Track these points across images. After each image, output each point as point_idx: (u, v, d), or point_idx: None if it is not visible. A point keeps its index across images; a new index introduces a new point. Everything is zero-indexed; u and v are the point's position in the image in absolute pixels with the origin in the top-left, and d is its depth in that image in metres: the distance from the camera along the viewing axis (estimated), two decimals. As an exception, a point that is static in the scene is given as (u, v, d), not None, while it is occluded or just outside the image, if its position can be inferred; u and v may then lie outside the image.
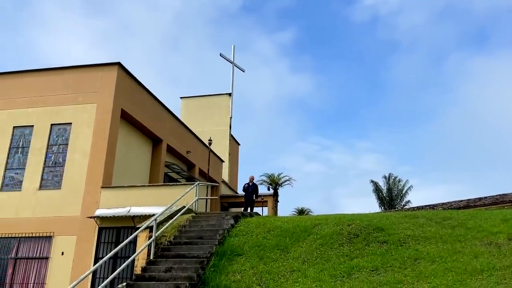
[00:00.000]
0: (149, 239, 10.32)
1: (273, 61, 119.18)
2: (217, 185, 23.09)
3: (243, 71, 30.19)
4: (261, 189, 20.95)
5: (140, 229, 10.51)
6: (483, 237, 9.30)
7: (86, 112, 15.97)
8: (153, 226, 10.25)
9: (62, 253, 14.25)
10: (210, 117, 30.52)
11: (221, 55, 28.53)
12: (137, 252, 9.90)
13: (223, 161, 27.38)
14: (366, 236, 9.91)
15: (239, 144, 36.24)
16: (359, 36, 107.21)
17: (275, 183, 26.92)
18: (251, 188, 17.06)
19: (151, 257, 9.99)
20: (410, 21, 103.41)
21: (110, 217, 14.09)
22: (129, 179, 16.86)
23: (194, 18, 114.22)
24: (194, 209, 13.68)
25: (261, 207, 24.62)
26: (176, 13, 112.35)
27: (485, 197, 20.42)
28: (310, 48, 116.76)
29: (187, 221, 12.16)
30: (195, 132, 24.02)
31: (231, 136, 29.93)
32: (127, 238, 9.56)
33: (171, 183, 18.17)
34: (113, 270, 13.02)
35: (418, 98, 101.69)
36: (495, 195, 20.20)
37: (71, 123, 16.02)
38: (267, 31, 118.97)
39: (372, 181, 42.43)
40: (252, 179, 17.37)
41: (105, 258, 8.30)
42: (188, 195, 13.49)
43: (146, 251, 10.18)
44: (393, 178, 42.36)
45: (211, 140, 22.84)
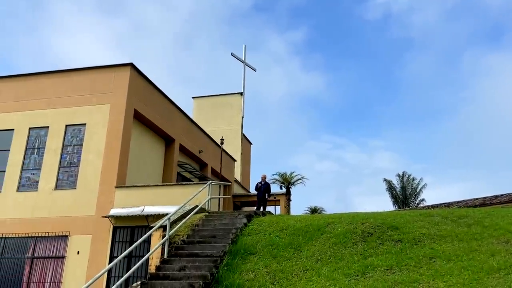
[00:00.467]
0: (163, 238, 10.39)
1: (285, 59, 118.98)
2: (230, 184, 23.12)
3: (254, 70, 30.22)
4: (273, 188, 20.93)
5: (154, 228, 10.59)
6: (500, 235, 9.14)
7: (100, 113, 16.15)
8: (166, 225, 10.32)
9: (78, 252, 14.44)
10: (222, 117, 30.61)
11: (232, 54, 28.60)
12: (151, 251, 9.97)
13: (235, 160, 27.43)
14: (380, 235, 9.82)
15: (251, 143, 36.26)
16: (371, 34, 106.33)
17: (287, 182, 26.82)
18: (264, 187, 17.04)
19: (165, 256, 10.06)
20: (424, 18, 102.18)
21: (124, 216, 14.23)
22: (143, 179, 17.01)
23: (207, 17, 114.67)
24: (207, 208, 13.73)
25: (274, 206, 24.59)
26: (189, 13, 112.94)
27: (501, 195, 20.08)
28: (322, 47, 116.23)
29: (200, 220, 12.21)
30: (207, 132, 24.11)
31: (243, 135, 29.96)
32: (141, 237, 9.64)
33: (184, 183, 18.26)
34: (128, 268, 13.16)
35: (432, 96, 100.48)
36: (512, 193, 19.84)
37: (85, 123, 16.22)
38: (278, 30, 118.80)
39: (385, 180, 42.12)
40: (264, 178, 17.35)
41: (119, 257, 8.37)
42: (200, 194, 13.54)
43: (160, 250, 10.25)
44: (407, 176, 41.98)
45: (223, 140, 22.89)
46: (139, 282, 8.91)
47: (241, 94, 29.49)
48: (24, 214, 15.46)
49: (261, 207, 16.97)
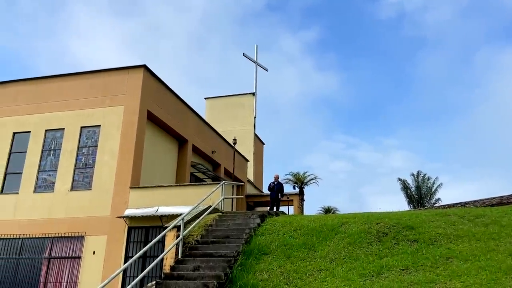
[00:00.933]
0: (177, 238, 10.44)
1: (298, 59, 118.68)
2: (243, 184, 23.15)
3: (266, 70, 30.17)
4: (286, 188, 20.89)
5: (168, 229, 10.65)
6: (519, 235, 8.96)
7: (114, 115, 16.32)
8: (180, 226, 10.37)
9: (94, 252, 14.62)
10: (234, 117, 30.66)
11: (244, 55, 28.60)
12: (165, 251, 10.03)
13: (248, 160, 27.45)
14: (395, 235, 9.71)
15: (264, 144, 36.24)
16: (384, 33, 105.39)
17: (300, 182, 26.73)
18: (277, 187, 17.02)
19: (179, 256, 10.11)
20: (437, 16, 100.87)
21: (139, 216, 14.35)
22: (156, 179, 17.14)
23: (219, 18, 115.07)
24: (220, 209, 13.76)
25: (287, 206, 24.53)
26: (202, 13, 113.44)
27: (520, 194, 19.66)
28: (335, 46, 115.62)
29: (213, 220, 12.24)
30: (219, 132, 24.18)
31: (256, 135, 29.95)
32: (155, 238, 9.70)
33: (197, 183, 18.36)
34: (143, 268, 13.27)
35: (446, 94, 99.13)
36: (530, 192, 19.42)
37: (100, 125, 16.42)
38: (291, 29, 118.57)
39: (399, 179, 41.63)
40: (277, 178, 17.32)
41: (134, 257, 8.44)
42: (214, 195, 13.58)
43: (174, 250, 10.30)
44: (422, 175, 41.43)
45: (235, 140, 22.92)
46: (154, 282, 8.97)
47: (253, 94, 29.48)
48: (41, 215, 15.71)
49: (274, 207, 16.95)
